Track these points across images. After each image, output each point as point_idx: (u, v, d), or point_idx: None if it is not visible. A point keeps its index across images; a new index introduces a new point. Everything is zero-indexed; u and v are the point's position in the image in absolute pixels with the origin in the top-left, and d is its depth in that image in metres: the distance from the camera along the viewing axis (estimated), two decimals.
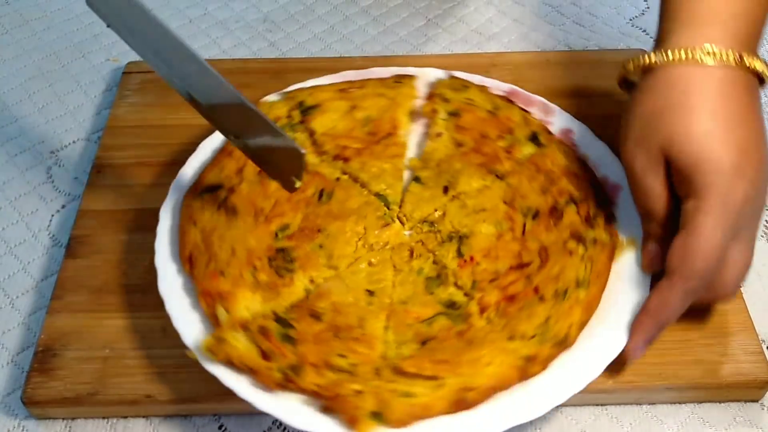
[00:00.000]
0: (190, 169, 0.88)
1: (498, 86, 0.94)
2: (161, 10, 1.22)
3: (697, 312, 0.80)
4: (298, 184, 0.75)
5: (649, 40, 1.18)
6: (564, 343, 0.71)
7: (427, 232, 0.82)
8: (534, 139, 0.86)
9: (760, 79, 0.75)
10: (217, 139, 0.90)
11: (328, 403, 0.67)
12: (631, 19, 1.21)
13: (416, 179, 0.87)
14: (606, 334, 0.73)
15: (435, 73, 0.95)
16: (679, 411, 0.78)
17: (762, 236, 0.93)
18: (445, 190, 0.85)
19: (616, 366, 0.74)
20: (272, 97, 0.94)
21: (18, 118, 1.07)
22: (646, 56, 0.76)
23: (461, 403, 0.67)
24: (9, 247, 0.92)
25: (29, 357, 0.80)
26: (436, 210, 0.84)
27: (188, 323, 0.74)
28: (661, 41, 0.77)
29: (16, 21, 1.21)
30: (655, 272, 0.76)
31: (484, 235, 0.80)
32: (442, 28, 1.20)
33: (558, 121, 0.90)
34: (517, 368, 0.69)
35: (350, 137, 0.90)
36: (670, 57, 0.74)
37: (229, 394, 0.69)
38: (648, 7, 1.23)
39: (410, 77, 0.95)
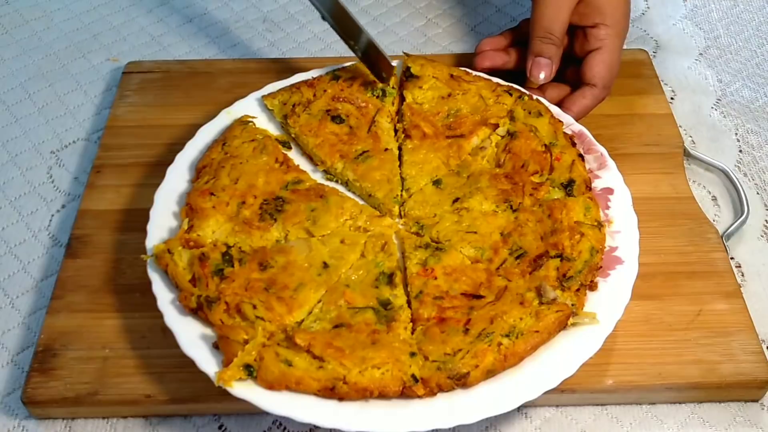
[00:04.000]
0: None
1: (569, 124, 0.92)
2: (161, 9, 1.22)
3: (696, 312, 0.81)
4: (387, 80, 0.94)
5: (650, 39, 1.18)
6: (462, 380, 0.70)
7: (413, 233, 0.83)
8: (567, 186, 0.84)
9: None
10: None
11: (218, 341, 0.72)
12: (631, 20, 1.21)
13: (436, 182, 0.87)
14: (506, 383, 0.71)
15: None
16: (679, 411, 0.78)
17: (762, 236, 0.93)
18: (455, 201, 0.85)
19: None
20: (399, 59, 0.98)
21: (18, 118, 1.07)
22: None
23: (332, 391, 0.69)
24: (9, 247, 0.92)
25: (29, 357, 0.80)
26: (435, 215, 0.84)
27: (159, 229, 0.81)
28: None
29: (16, 21, 1.21)
30: (535, 85, 0.96)
31: (461, 255, 0.80)
32: (442, 28, 1.20)
33: (607, 177, 0.87)
34: (400, 382, 0.69)
35: (427, 120, 0.91)
36: None
37: (226, 394, 0.70)
38: (648, 8, 1.23)
39: (523, 94, 0.94)
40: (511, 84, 0.96)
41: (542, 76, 0.96)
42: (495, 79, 0.96)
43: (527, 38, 0.99)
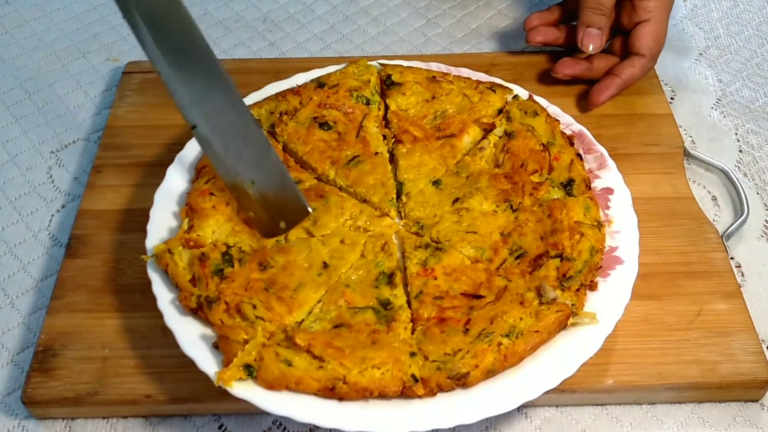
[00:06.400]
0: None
1: (569, 124, 0.92)
2: None
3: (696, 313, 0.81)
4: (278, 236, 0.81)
5: None
6: (462, 380, 0.70)
7: (413, 233, 0.83)
8: (567, 185, 0.84)
9: None
10: None
11: (218, 341, 0.72)
12: None
13: (436, 182, 0.87)
14: (507, 382, 0.71)
15: (522, 92, 0.95)
16: (679, 411, 0.78)
17: (762, 236, 0.93)
18: (455, 201, 0.85)
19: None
20: (372, 63, 0.97)
21: (18, 118, 1.07)
22: None
23: (332, 391, 0.69)
24: (9, 247, 0.92)
25: (29, 357, 0.80)
26: (435, 215, 0.84)
27: (159, 229, 0.81)
28: None
29: (16, 21, 1.21)
30: (585, 55, 1.00)
31: (461, 255, 0.80)
32: (442, 28, 1.20)
33: (607, 177, 0.87)
34: (399, 382, 0.69)
35: (416, 124, 0.91)
36: None
37: (226, 393, 0.70)
38: None
39: (506, 89, 0.94)
40: (492, 80, 0.96)
41: (592, 46, 0.99)
42: (475, 76, 0.96)
43: (574, 15, 1.01)
